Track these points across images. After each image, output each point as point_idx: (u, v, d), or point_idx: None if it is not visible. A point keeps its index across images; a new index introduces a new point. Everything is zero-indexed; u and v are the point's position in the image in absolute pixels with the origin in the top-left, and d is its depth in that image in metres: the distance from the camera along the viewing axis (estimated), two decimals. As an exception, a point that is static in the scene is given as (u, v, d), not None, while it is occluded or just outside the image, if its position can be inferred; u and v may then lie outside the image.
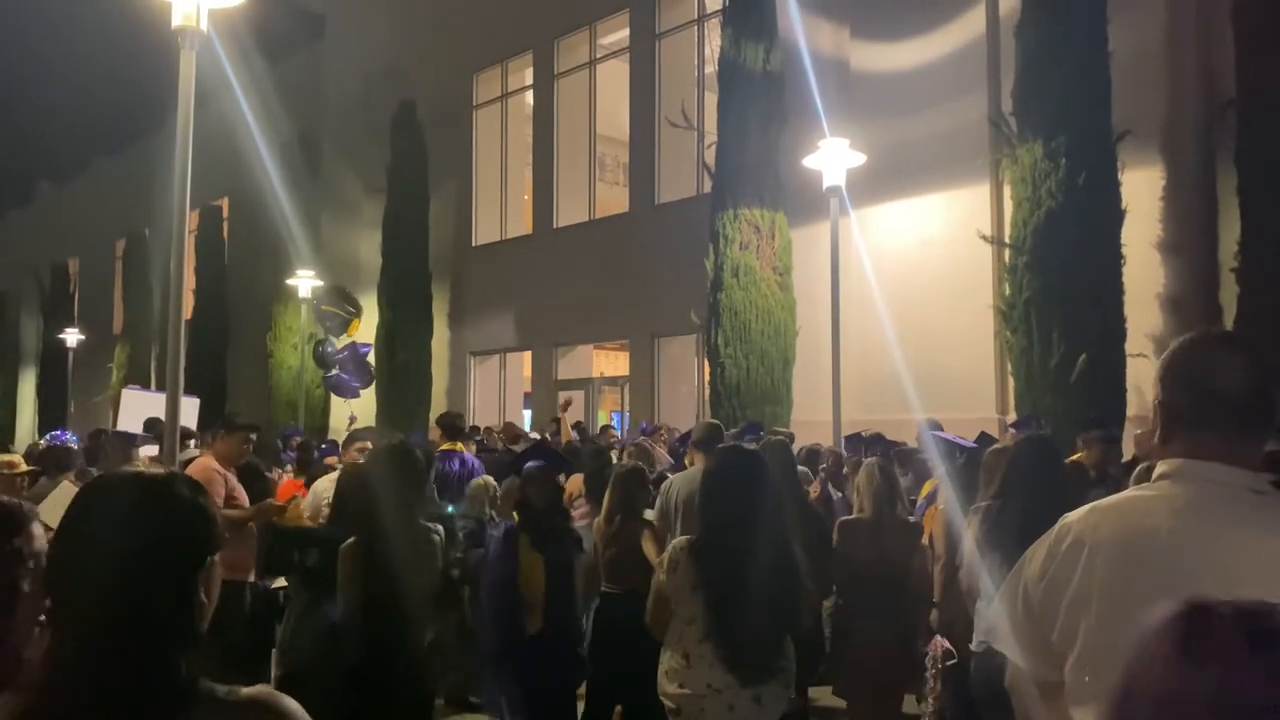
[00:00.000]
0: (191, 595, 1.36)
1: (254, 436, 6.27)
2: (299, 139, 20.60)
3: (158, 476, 1.43)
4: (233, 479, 5.97)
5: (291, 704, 1.37)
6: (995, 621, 1.97)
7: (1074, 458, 6.50)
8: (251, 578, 5.90)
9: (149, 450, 7.74)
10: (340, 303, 16.39)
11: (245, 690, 1.35)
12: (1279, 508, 1.68)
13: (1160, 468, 1.78)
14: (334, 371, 15.70)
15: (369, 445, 6.20)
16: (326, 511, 5.29)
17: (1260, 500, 1.67)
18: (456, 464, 7.35)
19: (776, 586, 3.21)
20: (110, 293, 29.80)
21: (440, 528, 3.88)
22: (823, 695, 5.52)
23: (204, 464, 5.93)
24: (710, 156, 13.37)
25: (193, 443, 8.14)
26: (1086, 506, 1.86)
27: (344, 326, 16.39)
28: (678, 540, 3.46)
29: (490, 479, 6.68)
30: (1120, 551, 1.70)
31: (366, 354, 16.06)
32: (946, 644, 4.98)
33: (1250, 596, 1.56)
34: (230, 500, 5.84)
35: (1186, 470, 1.73)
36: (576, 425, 12.42)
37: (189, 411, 8.47)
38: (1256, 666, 0.93)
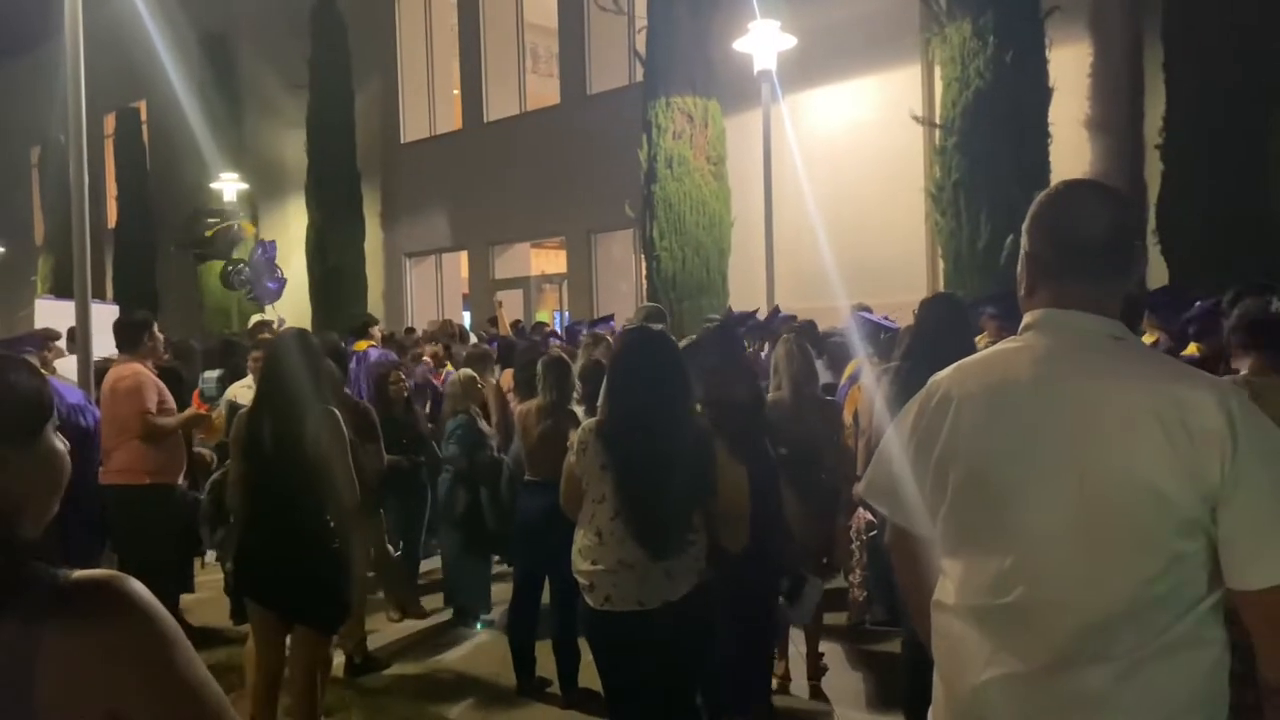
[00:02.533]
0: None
1: (154, 322, 6.09)
2: (216, 36, 19.70)
3: None
4: (162, 385, 5.85)
5: (137, 587, 1.29)
6: (873, 479, 1.99)
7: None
8: (180, 481, 5.86)
9: (68, 360, 7.53)
10: (217, 220, 15.70)
11: (81, 572, 1.28)
12: (1136, 354, 1.69)
13: (1025, 319, 1.79)
14: (249, 288, 15.00)
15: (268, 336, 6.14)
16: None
17: (1118, 346, 1.68)
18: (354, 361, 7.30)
19: (685, 463, 3.24)
20: (30, 202, 28.65)
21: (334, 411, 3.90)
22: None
23: (135, 369, 5.75)
24: (641, 43, 13.03)
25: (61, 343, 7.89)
26: (955, 364, 1.87)
27: (240, 234, 15.72)
28: (586, 422, 3.46)
29: (471, 371, 6.59)
30: (985, 403, 1.72)
31: (273, 255, 15.24)
32: (869, 516, 5.10)
33: (1109, 442, 1.59)
34: (162, 405, 5.73)
35: (1049, 320, 1.73)
36: (516, 323, 12.36)
37: (107, 319, 8.20)
38: None
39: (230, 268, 15.17)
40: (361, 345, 7.86)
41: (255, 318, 10.84)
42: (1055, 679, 1.59)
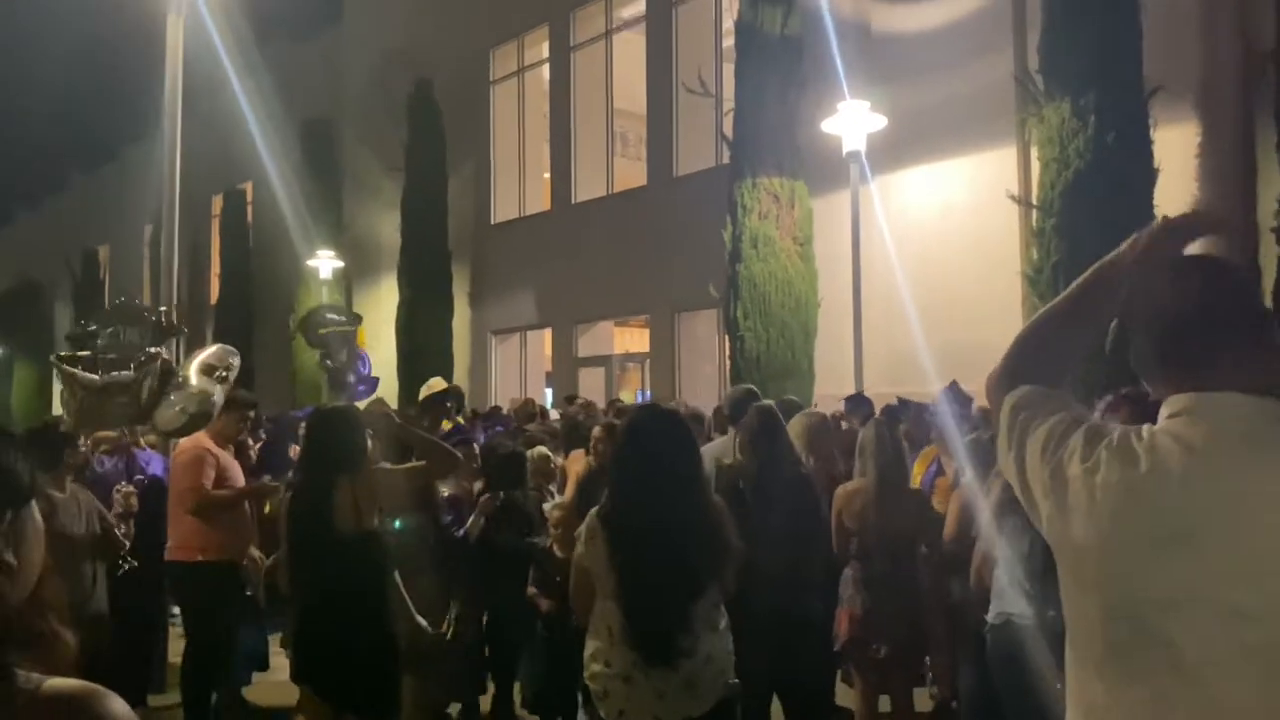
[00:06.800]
0: None
1: (251, 414, 6.07)
2: (319, 121, 20.49)
3: None
4: (226, 457, 5.79)
5: (113, 705, 1.13)
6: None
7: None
8: (245, 560, 5.74)
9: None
10: (336, 319, 16.04)
11: (54, 681, 1.12)
12: None
13: (1170, 405, 1.52)
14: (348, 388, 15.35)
15: None
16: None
17: None
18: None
19: (686, 551, 2.95)
20: (139, 278, 29.95)
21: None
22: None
23: (195, 442, 5.75)
24: (729, 126, 13.05)
25: None
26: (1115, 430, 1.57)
27: (351, 339, 16.07)
28: (594, 510, 3.18)
29: (546, 449, 6.41)
30: (1127, 498, 1.42)
31: (367, 370, 15.59)
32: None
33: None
34: (222, 480, 5.67)
35: (1201, 405, 1.46)
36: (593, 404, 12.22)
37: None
38: None
39: (337, 369, 15.52)
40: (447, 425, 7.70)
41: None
42: None
